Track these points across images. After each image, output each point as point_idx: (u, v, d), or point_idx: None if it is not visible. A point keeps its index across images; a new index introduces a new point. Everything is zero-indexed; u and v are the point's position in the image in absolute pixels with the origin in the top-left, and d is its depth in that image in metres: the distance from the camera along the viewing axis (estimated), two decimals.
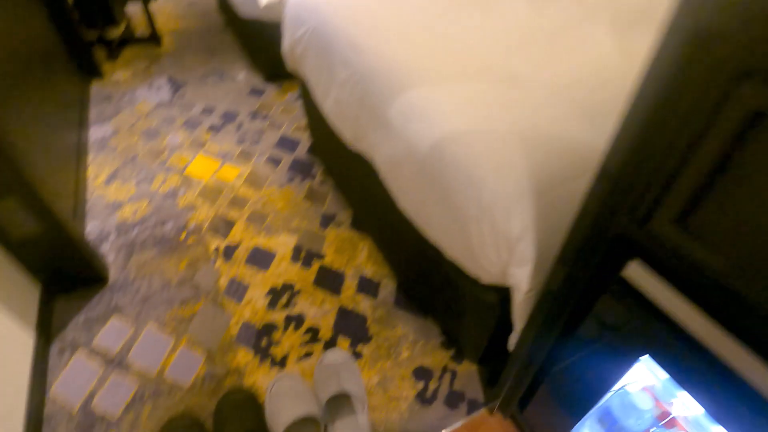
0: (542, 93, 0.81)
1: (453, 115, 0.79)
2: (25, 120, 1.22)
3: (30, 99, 1.35)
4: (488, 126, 0.75)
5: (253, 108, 1.99)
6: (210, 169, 1.64)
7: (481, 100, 0.81)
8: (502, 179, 0.69)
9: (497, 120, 0.76)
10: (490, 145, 0.72)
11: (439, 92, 0.83)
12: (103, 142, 1.75)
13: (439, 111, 0.81)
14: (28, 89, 1.37)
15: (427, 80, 0.86)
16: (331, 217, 1.47)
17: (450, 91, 0.83)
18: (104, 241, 1.36)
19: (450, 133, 0.77)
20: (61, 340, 1.10)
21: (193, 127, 1.85)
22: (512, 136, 0.73)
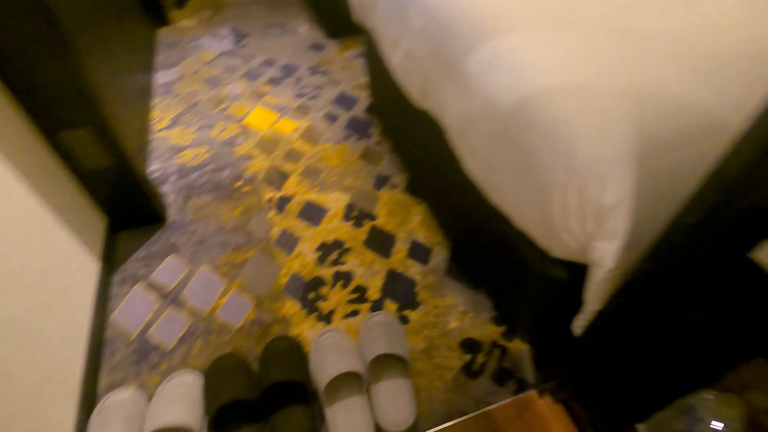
0: (655, 47, 0.71)
1: (546, 69, 0.70)
2: (99, 58, 1.24)
3: (104, 40, 1.37)
4: (588, 82, 0.66)
5: (312, 63, 1.95)
6: (268, 121, 1.63)
7: (581, 52, 0.71)
8: (600, 141, 0.61)
9: (600, 75, 0.67)
10: (590, 104, 0.64)
11: (531, 41, 0.74)
12: (168, 87, 1.78)
13: (529, 63, 0.73)
14: (103, 30, 1.39)
15: (519, 27, 0.77)
16: (386, 178, 1.42)
17: (545, 41, 0.74)
18: (165, 182, 1.39)
19: (541, 89, 0.68)
20: (122, 272, 1.15)
21: (254, 78, 1.84)
22: (617, 94, 0.64)
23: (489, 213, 0.88)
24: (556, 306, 0.84)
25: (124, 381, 0.95)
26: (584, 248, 0.67)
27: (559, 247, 0.72)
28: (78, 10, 1.15)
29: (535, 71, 0.71)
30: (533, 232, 0.76)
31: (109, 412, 0.86)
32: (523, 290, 0.90)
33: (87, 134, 1.01)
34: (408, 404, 0.90)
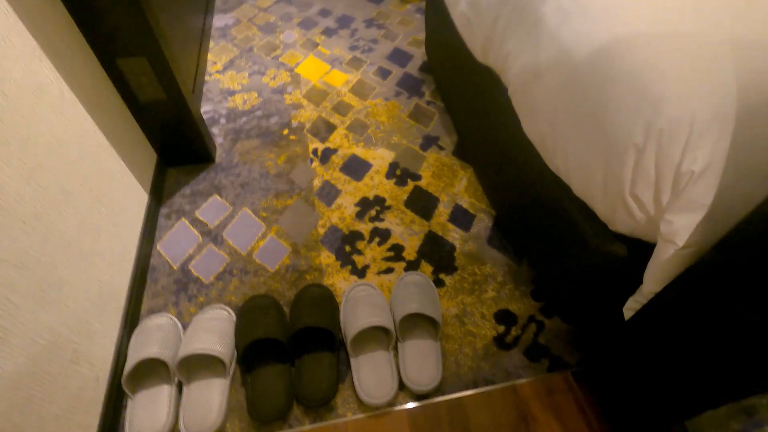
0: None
1: (634, 14, 0.62)
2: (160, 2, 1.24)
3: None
4: (684, 29, 0.57)
5: (369, 15, 1.87)
6: (319, 71, 1.60)
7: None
8: (692, 98, 0.53)
9: (698, 22, 0.58)
10: (684, 54, 0.55)
11: None
12: (225, 31, 1.78)
13: (613, 8, 0.64)
14: None
15: None
16: (434, 139, 1.36)
17: None
18: (215, 124, 1.40)
19: (625, 36, 0.60)
20: (168, 206, 1.18)
21: (308, 27, 1.80)
22: (718, 45, 0.55)
23: (544, 180, 0.82)
24: (608, 285, 0.78)
25: (164, 307, 0.99)
26: (653, 221, 0.60)
27: (623, 220, 0.65)
28: None
29: (620, 17, 0.62)
30: (594, 201, 0.69)
31: (148, 333, 0.90)
32: (574, 265, 0.84)
33: (143, 64, 1.01)
34: (434, 365, 0.89)
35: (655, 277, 0.62)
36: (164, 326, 0.92)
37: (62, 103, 0.83)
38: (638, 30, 0.60)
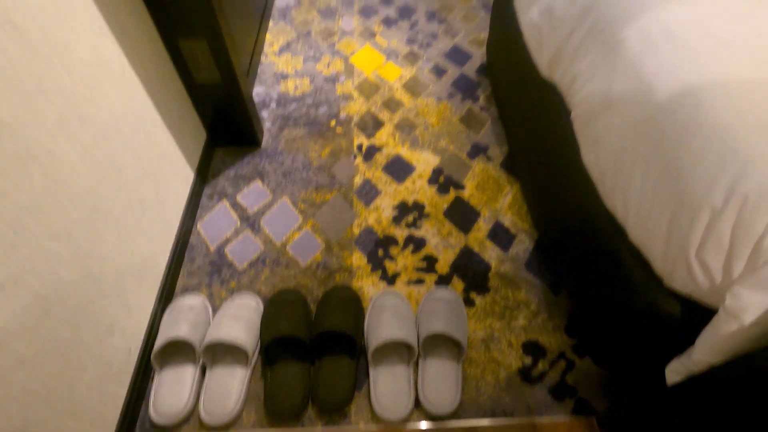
0: None
1: (734, 54, 0.55)
2: None
3: None
4: None
5: (432, 7, 1.81)
6: (374, 63, 1.57)
7: None
8: None
9: None
10: None
11: (713, 16, 0.58)
12: (285, 12, 1.77)
13: (707, 45, 0.57)
14: None
15: None
16: (483, 148, 1.31)
17: (733, 17, 0.57)
18: (265, 107, 1.41)
19: (720, 80, 0.54)
20: (212, 186, 1.21)
21: (368, 16, 1.76)
22: None
23: (598, 215, 0.76)
24: (652, 339, 0.72)
25: (197, 287, 1.02)
26: (718, 290, 0.54)
27: (682, 279, 0.59)
28: None
29: (719, 56, 0.56)
30: (652, 252, 0.64)
31: (180, 312, 0.93)
32: (618, 311, 0.78)
33: (203, 46, 1.02)
34: (454, 388, 0.87)
35: (711, 348, 0.57)
36: (195, 307, 0.94)
37: (123, 80, 0.86)
38: (738, 75, 0.53)
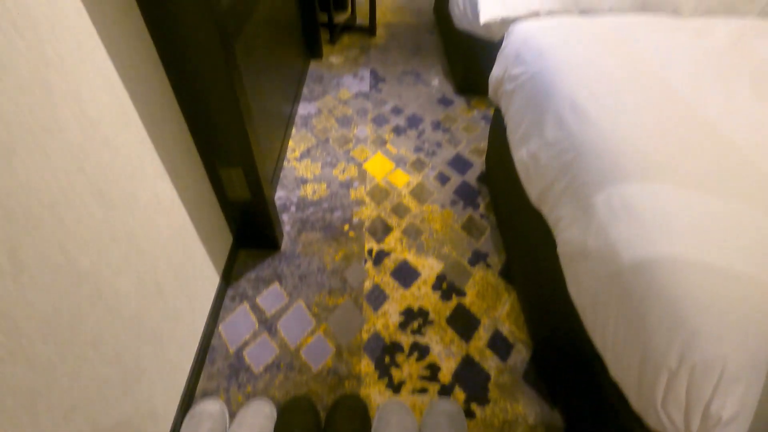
0: None
1: (679, 233, 0.67)
2: (263, 88, 1.46)
3: (270, 68, 1.60)
4: (727, 264, 0.62)
5: (437, 117, 2.03)
6: (384, 169, 1.74)
7: (727, 224, 0.66)
8: (727, 341, 0.56)
9: (741, 259, 0.62)
10: (724, 292, 0.60)
11: (670, 198, 0.72)
12: (307, 119, 2.00)
13: (660, 221, 0.70)
14: (272, 58, 1.62)
15: (658, 177, 0.75)
16: (483, 255, 1.43)
17: (685, 200, 0.71)
18: (286, 211, 1.57)
19: (670, 256, 0.65)
20: (234, 288, 1.32)
21: (380, 124, 1.98)
22: (759, 287, 0.59)
23: (585, 341, 0.85)
24: None
25: (215, 391, 1.10)
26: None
27: (655, 423, 0.67)
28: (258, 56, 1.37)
29: (669, 232, 0.68)
30: (629, 392, 0.72)
31: (199, 420, 1.00)
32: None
33: (239, 173, 1.19)
34: None
35: None
36: (214, 415, 1.01)
37: (172, 211, 1.00)
38: (686, 253, 0.65)
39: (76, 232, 0.67)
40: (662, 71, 1.01)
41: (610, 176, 0.80)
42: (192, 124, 1.08)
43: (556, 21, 1.29)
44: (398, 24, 2.85)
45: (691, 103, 0.90)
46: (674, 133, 0.82)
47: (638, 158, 0.79)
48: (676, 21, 1.27)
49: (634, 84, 0.96)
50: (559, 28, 1.22)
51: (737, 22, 1.25)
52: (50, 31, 0.63)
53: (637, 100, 0.91)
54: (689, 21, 1.27)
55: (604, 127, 0.87)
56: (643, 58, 1.05)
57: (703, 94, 0.93)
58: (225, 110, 1.05)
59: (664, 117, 0.86)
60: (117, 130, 0.79)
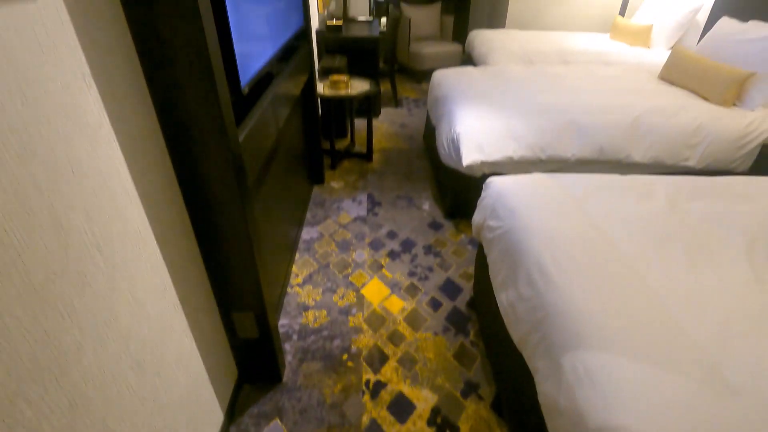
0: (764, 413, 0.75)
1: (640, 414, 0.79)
2: (273, 217, 1.64)
3: (281, 197, 1.81)
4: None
5: (428, 241, 2.23)
6: (381, 294, 1.88)
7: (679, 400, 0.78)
8: None
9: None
10: None
11: (624, 369, 0.84)
12: (309, 244, 2.19)
13: (618, 393, 0.82)
14: (282, 188, 1.84)
15: (614, 347, 0.88)
16: (475, 386, 1.50)
17: (637, 373, 0.83)
18: (288, 339, 1.67)
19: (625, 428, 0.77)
20: (237, 424, 1.37)
21: (377, 249, 2.16)
22: None
23: None
24: None
25: None
26: None
27: None
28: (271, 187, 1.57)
29: (622, 404, 0.80)
30: None
31: None
32: None
33: (250, 316, 1.32)
34: None
35: None
36: None
37: (190, 358, 1.11)
38: (636, 425, 0.76)
39: (116, 404, 0.78)
40: (612, 236, 1.20)
41: (573, 341, 0.94)
42: (212, 275, 1.24)
43: (526, 179, 1.53)
44: (392, 149, 3.21)
45: (638, 271, 1.07)
46: (624, 302, 0.98)
47: (596, 327, 0.93)
48: (624, 180, 1.51)
49: (590, 249, 1.14)
50: (528, 188, 1.45)
51: (676, 182, 1.49)
52: (121, 245, 0.80)
53: (592, 266, 1.09)
54: (636, 180, 1.51)
55: (566, 292, 1.03)
56: (596, 222, 1.26)
57: (647, 260, 1.11)
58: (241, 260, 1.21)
59: (615, 285, 1.03)
60: (156, 303, 0.93)
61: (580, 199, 1.38)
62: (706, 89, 2.31)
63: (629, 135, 2.06)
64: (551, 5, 4.35)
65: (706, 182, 1.49)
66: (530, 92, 2.39)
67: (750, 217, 1.28)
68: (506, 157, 2.04)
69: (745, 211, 1.31)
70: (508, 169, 2.08)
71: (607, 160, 2.08)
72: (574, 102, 2.24)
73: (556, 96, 2.33)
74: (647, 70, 2.88)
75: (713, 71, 2.30)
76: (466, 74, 2.75)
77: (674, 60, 2.59)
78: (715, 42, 2.52)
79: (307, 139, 2.54)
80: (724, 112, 2.16)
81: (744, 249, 1.15)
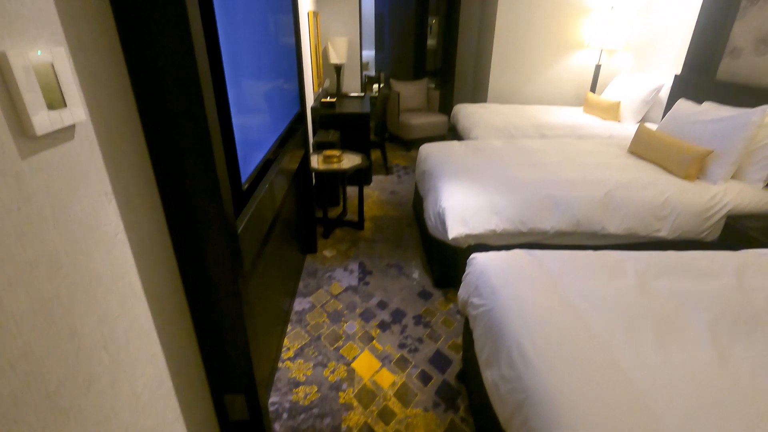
0: None
1: None
2: (268, 291, 1.69)
3: (275, 270, 1.87)
4: None
5: (418, 311, 2.28)
6: (371, 368, 1.90)
7: None
8: None
9: None
10: None
11: None
12: (301, 315, 2.23)
13: None
14: (277, 261, 1.90)
15: None
16: None
17: None
18: (278, 419, 1.66)
19: None
20: None
21: (367, 320, 2.21)
22: None
23: None
24: None
25: None
26: None
27: None
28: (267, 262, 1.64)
29: None
30: None
31: None
32: None
33: (241, 399, 1.34)
34: None
35: None
36: None
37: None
38: None
39: None
40: (586, 315, 1.28)
41: (553, 428, 0.98)
42: (206, 358, 1.28)
43: (507, 256, 1.63)
44: (383, 217, 3.34)
45: (611, 352, 1.14)
46: (598, 385, 1.04)
47: (573, 413, 0.98)
48: (597, 257, 1.62)
49: (565, 329, 1.22)
50: (508, 266, 1.55)
51: (646, 258, 1.60)
52: (126, 341, 0.87)
53: (568, 347, 1.15)
54: (608, 256, 1.62)
55: (543, 375, 1.08)
56: (570, 301, 1.34)
57: (618, 340, 1.18)
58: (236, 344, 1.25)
59: (589, 367, 1.09)
60: (153, 393, 0.98)
61: (555, 276, 1.47)
62: (671, 164, 2.51)
63: (603, 208, 2.20)
64: (528, 82, 4.74)
65: (674, 259, 1.60)
66: (510, 167, 2.57)
67: (713, 295, 1.37)
68: (489, 230, 2.15)
69: (709, 289, 1.41)
70: (492, 240, 2.20)
71: (583, 232, 2.21)
72: (551, 177, 2.41)
73: (535, 171, 2.51)
74: (618, 144, 3.11)
75: (675, 148, 2.51)
76: (450, 149, 2.96)
77: (640, 136, 2.82)
78: (674, 121, 2.77)
79: (301, 210, 2.66)
80: (689, 186, 2.33)
81: (708, 328, 1.23)
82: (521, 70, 4.67)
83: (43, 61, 0.64)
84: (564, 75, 4.71)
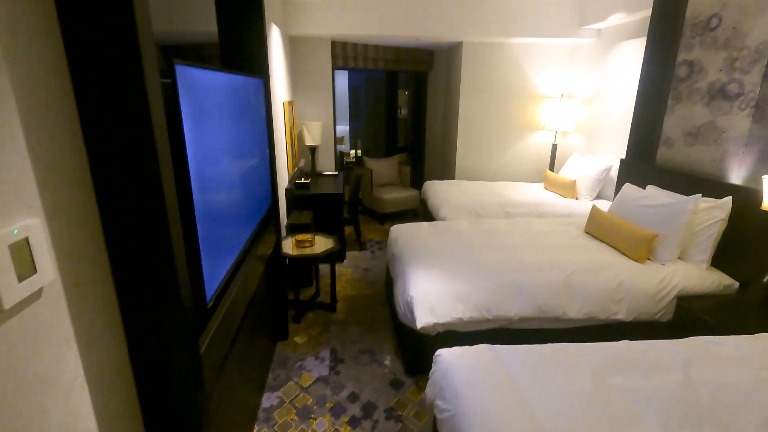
0: None
1: None
2: (233, 394, 1.64)
3: (242, 365, 1.82)
4: None
5: (390, 403, 2.24)
6: None
7: None
8: None
9: None
10: None
11: None
12: (269, 413, 2.16)
13: None
14: (244, 352, 1.87)
15: None
16: None
17: None
18: None
19: None
20: None
21: (338, 415, 2.15)
22: None
23: None
24: None
25: None
26: None
27: None
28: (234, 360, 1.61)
29: None
30: None
31: None
32: None
33: None
34: None
35: None
36: None
37: None
38: None
39: None
40: (543, 418, 1.32)
41: None
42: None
43: (470, 353, 1.67)
44: (356, 296, 3.36)
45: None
46: None
47: None
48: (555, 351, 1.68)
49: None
50: (470, 365, 1.59)
51: (600, 352, 1.67)
52: None
53: None
54: (566, 350, 1.69)
55: None
56: (528, 403, 1.38)
57: None
58: None
59: None
60: None
61: (515, 377, 1.52)
62: (623, 246, 2.68)
63: (562, 294, 2.31)
64: (493, 160, 5.08)
65: (626, 352, 1.68)
66: (475, 250, 2.69)
67: (664, 391, 1.44)
68: (456, 319, 2.21)
69: (660, 383, 1.48)
70: (459, 327, 2.25)
71: (546, 317, 2.29)
72: (514, 260, 2.53)
73: (498, 253, 2.63)
74: (576, 223, 3.31)
75: (625, 230, 2.70)
76: (419, 231, 3.08)
77: (594, 218, 3.02)
78: (622, 204, 3.00)
79: (273, 295, 2.66)
80: (641, 268, 2.48)
81: (660, 427, 1.28)
82: (485, 149, 5.02)
83: (19, 239, 0.70)
84: (524, 153, 5.07)
